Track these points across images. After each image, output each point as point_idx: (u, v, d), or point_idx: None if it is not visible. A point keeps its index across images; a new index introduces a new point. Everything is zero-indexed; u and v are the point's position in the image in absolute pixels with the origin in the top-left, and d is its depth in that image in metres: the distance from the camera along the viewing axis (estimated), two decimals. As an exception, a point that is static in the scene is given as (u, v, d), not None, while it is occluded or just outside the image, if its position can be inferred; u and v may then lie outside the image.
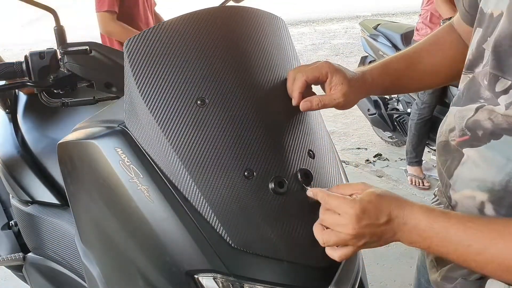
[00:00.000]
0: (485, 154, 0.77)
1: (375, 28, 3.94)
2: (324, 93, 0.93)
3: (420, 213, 0.72)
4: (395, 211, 0.73)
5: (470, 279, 0.80)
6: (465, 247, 0.68)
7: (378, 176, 3.71)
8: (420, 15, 3.43)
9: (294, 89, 0.90)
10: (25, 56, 1.20)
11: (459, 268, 0.82)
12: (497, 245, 0.66)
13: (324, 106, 0.90)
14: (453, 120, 0.83)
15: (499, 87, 0.74)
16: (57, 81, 1.23)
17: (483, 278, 0.78)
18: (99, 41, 2.68)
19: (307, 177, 0.85)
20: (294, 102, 0.91)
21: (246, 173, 0.83)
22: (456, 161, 0.82)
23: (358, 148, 4.26)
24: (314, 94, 0.93)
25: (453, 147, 0.83)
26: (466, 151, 0.80)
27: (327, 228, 0.77)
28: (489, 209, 0.76)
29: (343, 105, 0.92)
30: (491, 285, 0.77)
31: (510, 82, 0.72)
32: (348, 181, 0.99)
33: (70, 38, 1.28)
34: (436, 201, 0.95)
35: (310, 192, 0.82)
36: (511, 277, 0.67)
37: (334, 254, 0.77)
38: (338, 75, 0.91)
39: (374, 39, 3.86)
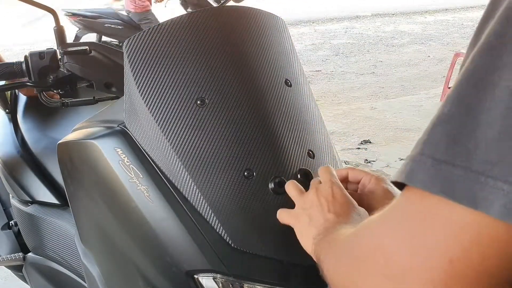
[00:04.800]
0: None
1: None
2: None
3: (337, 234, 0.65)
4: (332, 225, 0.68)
5: None
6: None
7: (378, 176, 3.70)
8: None
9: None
10: (25, 56, 1.20)
11: None
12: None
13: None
14: None
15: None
16: (57, 81, 1.22)
17: None
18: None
19: (307, 177, 0.85)
20: None
21: (246, 173, 0.83)
22: None
23: (358, 148, 4.26)
24: None
25: None
26: None
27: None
28: None
29: None
30: None
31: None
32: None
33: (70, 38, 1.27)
34: None
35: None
36: None
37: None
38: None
39: None
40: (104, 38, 6.15)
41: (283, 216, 0.77)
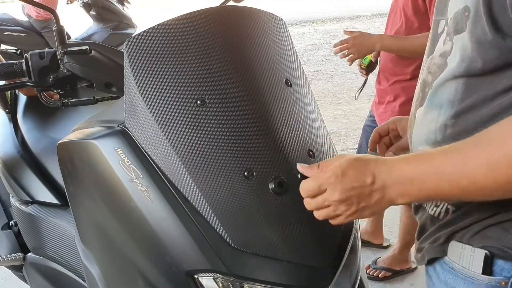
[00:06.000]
0: (426, 109, 0.81)
1: None
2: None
3: (400, 161, 0.72)
4: (378, 168, 0.71)
5: (435, 244, 0.82)
6: (461, 166, 0.67)
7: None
8: None
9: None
10: (25, 56, 1.20)
11: (427, 238, 0.83)
12: (478, 149, 0.66)
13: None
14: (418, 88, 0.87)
15: (439, 30, 0.80)
16: (57, 81, 1.22)
17: (446, 243, 0.79)
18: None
19: (307, 177, 0.85)
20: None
21: (246, 173, 0.83)
22: (412, 125, 0.85)
23: (358, 148, 4.25)
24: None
25: (412, 115, 0.86)
26: (417, 112, 0.83)
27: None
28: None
29: None
30: (452, 246, 0.79)
31: (444, 20, 0.76)
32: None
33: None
34: None
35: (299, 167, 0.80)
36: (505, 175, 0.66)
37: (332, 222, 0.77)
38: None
39: None
40: (2, 47, 5.41)
41: (338, 220, 0.76)
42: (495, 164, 0.64)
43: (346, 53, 2.03)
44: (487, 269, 0.73)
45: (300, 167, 0.79)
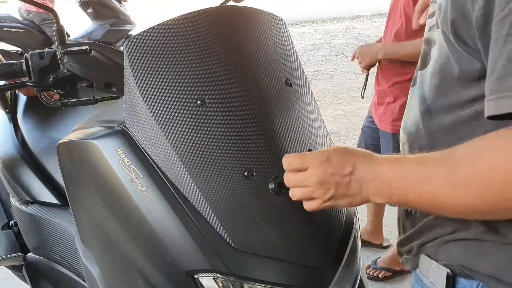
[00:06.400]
0: (412, 94, 0.82)
1: None
2: None
3: (382, 160, 0.71)
4: (361, 162, 0.71)
5: (410, 255, 0.82)
6: (426, 179, 0.65)
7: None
8: None
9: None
10: (25, 56, 1.20)
11: (405, 244, 0.83)
12: (444, 167, 0.64)
13: None
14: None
15: (430, 10, 0.79)
16: (57, 81, 1.22)
17: (417, 254, 0.80)
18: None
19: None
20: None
21: (246, 173, 0.83)
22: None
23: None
24: None
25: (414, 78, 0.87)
26: (409, 97, 0.84)
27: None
28: (406, 152, 0.81)
29: None
30: (422, 259, 0.79)
31: (435, 3, 0.75)
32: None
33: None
34: None
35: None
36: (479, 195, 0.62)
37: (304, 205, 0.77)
38: None
39: None
40: (2, 45, 5.42)
41: (311, 204, 0.76)
42: (457, 186, 0.62)
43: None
44: (450, 286, 0.74)
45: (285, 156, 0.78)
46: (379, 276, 2.34)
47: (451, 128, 0.71)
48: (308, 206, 0.76)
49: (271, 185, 0.83)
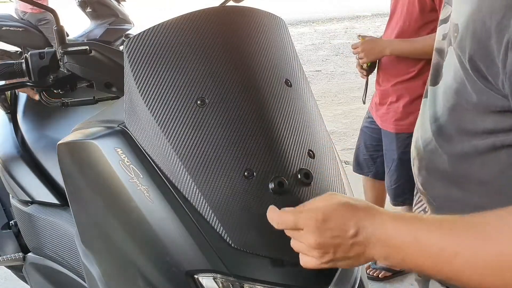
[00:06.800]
0: (423, 108, 0.77)
1: None
2: None
3: (388, 220, 0.63)
4: (364, 221, 0.63)
5: (420, 278, 0.79)
6: (437, 251, 0.59)
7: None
8: None
9: None
10: (25, 56, 1.20)
11: None
12: (472, 245, 0.58)
13: None
14: None
15: (442, 15, 0.75)
16: (57, 81, 1.23)
17: (428, 278, 0.75)
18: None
19: (307, 177, 0.85)
20: None
21: (246, 173, 0.83)
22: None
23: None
24: None
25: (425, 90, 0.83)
26: (421, 108, 0.79)
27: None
28: (415, 168, 0.76)
29: None
30: (432, 284, 0.74)
31: (450, 8, 0.70)
32: (348, 181, 0.99)
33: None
34: None
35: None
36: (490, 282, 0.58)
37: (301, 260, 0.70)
38: None
39: None
40: (1, 44, 5.40)
41: (308, 262, 0.69)
42: (486, 271, 0.56)
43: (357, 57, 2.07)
44: None
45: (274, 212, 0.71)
46: (379, 276, 2.34)
47: (462, 157, 0.66)
48: (303, 263, 0.70)
49: (271, 185, 0.83)
